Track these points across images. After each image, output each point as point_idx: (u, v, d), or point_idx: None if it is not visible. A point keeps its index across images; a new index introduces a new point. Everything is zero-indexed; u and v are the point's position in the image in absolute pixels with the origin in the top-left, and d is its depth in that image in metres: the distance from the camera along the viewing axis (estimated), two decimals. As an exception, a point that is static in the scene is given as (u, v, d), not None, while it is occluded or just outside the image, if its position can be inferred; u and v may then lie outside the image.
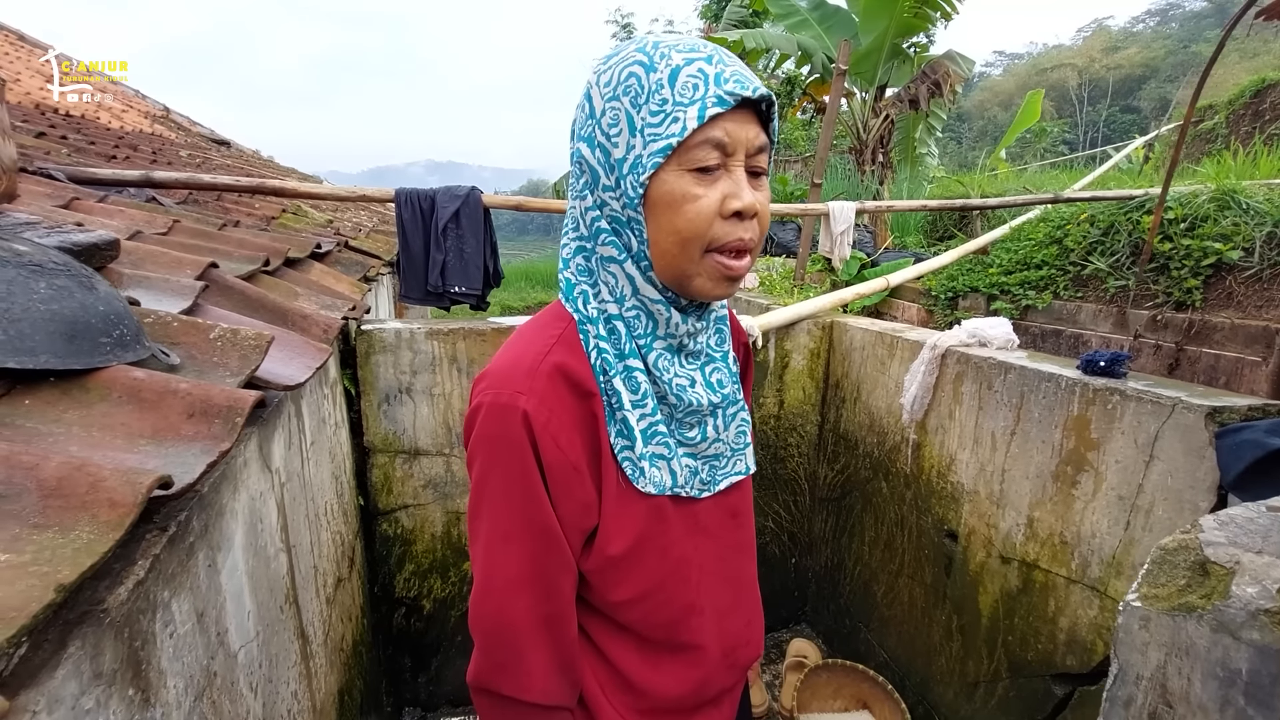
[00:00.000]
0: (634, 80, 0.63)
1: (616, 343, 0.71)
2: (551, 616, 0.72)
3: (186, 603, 0.77)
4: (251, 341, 0.98)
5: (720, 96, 0.61)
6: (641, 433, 0.72)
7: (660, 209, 0.65)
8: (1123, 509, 1.38)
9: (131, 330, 0.79)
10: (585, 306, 0.72)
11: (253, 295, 1.40)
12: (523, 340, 0.72)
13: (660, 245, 0.66)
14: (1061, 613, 1.53)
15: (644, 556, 0.75)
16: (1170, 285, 2.52)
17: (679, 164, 0.63)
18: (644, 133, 0.63)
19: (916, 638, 2.02)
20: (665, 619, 0.78)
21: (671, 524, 0.77)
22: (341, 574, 1.68)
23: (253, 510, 1.02)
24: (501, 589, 0.69)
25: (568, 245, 0.74)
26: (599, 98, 0.66)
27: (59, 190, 1.83)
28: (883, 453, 2.12)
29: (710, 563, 0.82)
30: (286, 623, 1.19)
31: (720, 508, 0.83)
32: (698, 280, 0.67)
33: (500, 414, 0.66)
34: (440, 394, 1.96)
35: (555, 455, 0.67)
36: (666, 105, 0.62)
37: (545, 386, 0.67)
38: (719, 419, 0.80)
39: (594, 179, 0.68)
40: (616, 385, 0.70)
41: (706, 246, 0.66)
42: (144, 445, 0.68)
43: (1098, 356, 1.45)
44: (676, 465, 0.76)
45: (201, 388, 0.75)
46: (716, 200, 0.64)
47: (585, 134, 0.68)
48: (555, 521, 0.69)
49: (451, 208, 2.32)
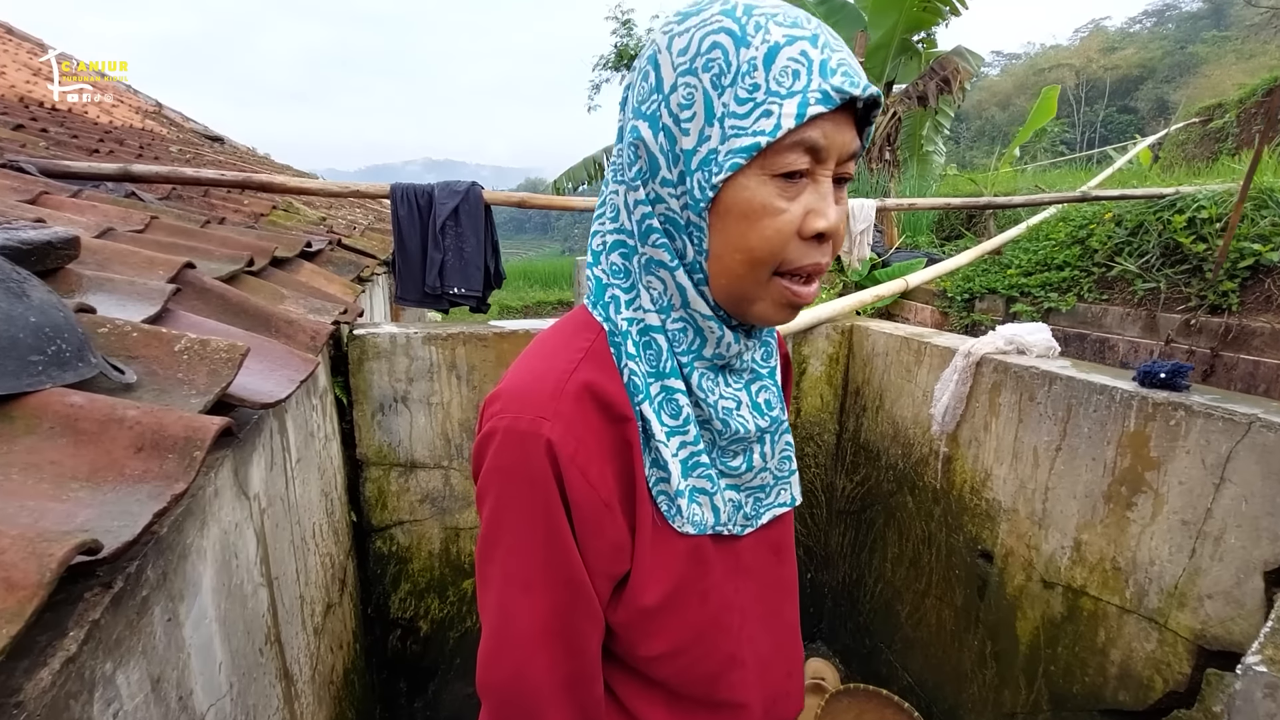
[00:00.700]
0: (719, 53, 0.50)
1: (654, 359, 0.60)
2: (575, 676, 0.60)
3: (137, 670, 0.64)
4: (223, 354, 0.86)
5: (826, 92, 0.49)
6: (681, 463, 0.61)
7: (731, 219, 0.53)
8: (1187, 535, 1.27)
9: (72, 345, 0.66)
10: (616, 314, 0.60)
11: (233, 299, 1.27)
12: (545, 353, 0.60)
13: (723, 261, 0.54)
14: (1113, 644, 1.42)
15: (681, 605, 0.63)
16: (1204, 288, 2.41)
17: (763, 168, 0.51)
18: (724, 123, 0.50)
19: (945, 662, 1.90)
20: (703, 674, 0.67)
21: (712, 567, 0.65)
22: (332, 599, 1.56)
23: (225, 546, 0.90)
24: (519, 646, 0.58)
25: (602, 237, 0.62)
26: (669, 67, 0.53)
27: (27, 184, 1.70)
28: (908, 465, 2.00)
29: (752, 606, 0.70)
30: (267, 666, 1.06)
31: (762, 544, 0.72)
32: (759, 305, 0.56)
33: (519, 443, 0.54)
34: (438, 403, 1.83)
35: (584, 492, 0.56)
36: (758, 93, 0.49)
37: (573, 410, 0.55)
38: (766, 445, 0.68)
39: (651, 168, 0.56)
40: (646, 411, 0.59)
41: (776, 269, 0.54)
42: (76, 490, 0.55)
43: (1156, 367, 1.33)
44: (720, 500, 0.64)
45: (154, 415, 0.62)
46: (798, 217, 0.52)
47: (648, 111, 0.55)
48: (582, 569, 0.57)
49: (450, 204, 2.19)
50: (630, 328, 0.59)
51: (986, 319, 3.22)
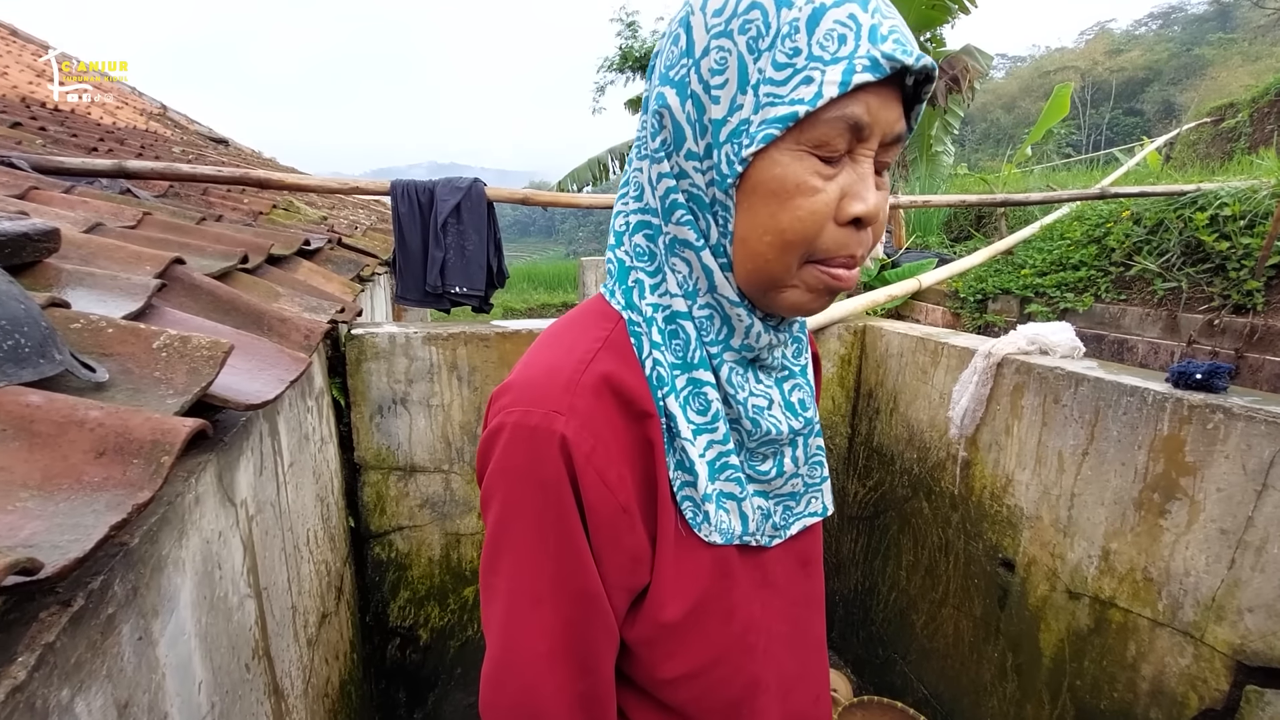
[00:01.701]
0: (757, 14, 0.45)
1: (681, 349, 0.54)
2: (588, 697, 0.54)
3: (100, 696, 0.59)
4: (205, 351, 0.80)
5: (875, 59, 0.43)
6: (709, 464, 0.55)
7: (761, 197, 0.47)
8: (1226, 544, 1.20)
9: (33, 340, 0.60)
10: (640, 300, 0.54)
11: (224, 296, 1.22)
12: (558, 344, 0.55)
13: (750, 244, 0.49)
14: (1144, 659, 1.35)
15: (704, 622, 0.57)
16: (1228, 287, 2.34)
17: (798, 142, 0.45)
18: (759, 91, 0.45)
19: (963, 674, 1.83)
20: (724, 699, 0.61)
21: (737, 580, 0.59)
22: (327, 608, 1.50)
23: (207, 557, 0.84)
24: (528, 665, 0.52)
25: (625, 217, 0.56)
26: (701, 29, 0.48)
27: (17, 179, 1.65)
28: (924, 470, 1.94)
29: (778, 625, 0.65)
30: (255, 681, 1.00)
31: (790, 556, 0.66)
32: (790, 293, 0.51)
33: (530, 440, 0.49)
34: (439, 405, 1.78)
35: (601, 495, 0.50)
36: (798, 58, 0.44)
37: (590, 405, 0.50)
38: (798, 449, 0.63)
39: (677, 139, 0.50)
40: (671, 406, 0.53)
41: (808, 256, 0.49)
42: (26, 499, 0.50)
43: (1192, 368, 1.27)
44: (748, 507, 0.59)
45: (118, 416, 0.57)
46: (834, 198, 0.47)
47: (677, 77, 0.50)
48: (598, 580, 0.52)
49: (452, 201, 2.13)
50: (656, 314, 0.54)
51: (1000, 320, 3.15)
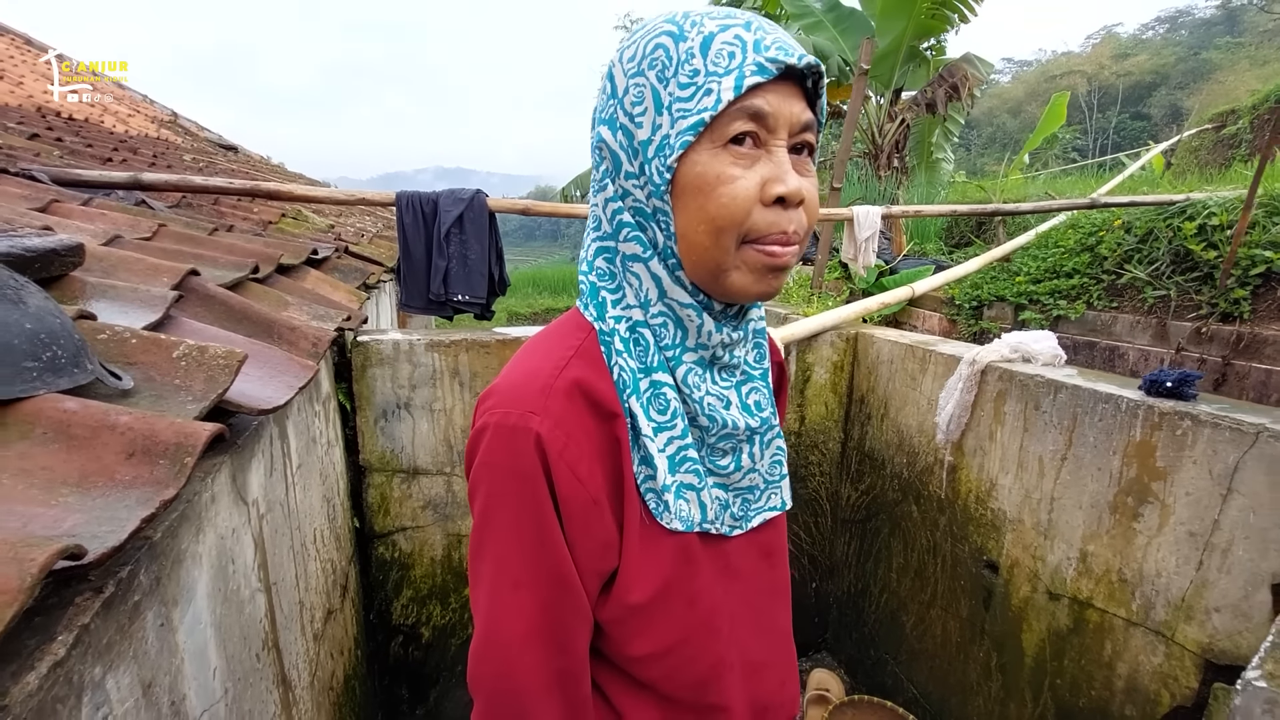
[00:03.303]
0: (661, 52, 0.54)
1: (642, 355, 0.61)
2: (564, 674, 0.61)
3: (128, 675, 0.65)
4: (221, 360, 0.86)
5: (760, 64, 0.52)
6: (669, 459, 0.62)
7: (690, 194, 0.55)
8: (1194, 546, 1.25)
9: (69, 351, 0.67)
10: (605, 315, 0.61)
11: (236, 306, 1.28)
12: (536, 352, 0.62)
13: (690, 237, 0.56)
14: (1119, 657, 1.39)
15: (669, 605, 0.63)
16: (1215, 295, 2.38)
17: (712, 139, 0.53)
18: (672, 109, 0.53)
19: (950, 674, 1.88)
20: (691, 678, 0.67)
21: (700, 567, 0.65)
22: (333, 605, 1.56)
23: (222, 552, 0.90)
24: (509, 643, 0.59)
25: (589, 245, 0.64)
26: (621, 75, 0.57)
27: (39, 192, 1.72)
28: (913, 474, 1.99)
29: (741, 610, 0.71)
30: (264, 671, 1.06)
31: (752, 547, 0.72)
32: (735, 275, 0.57)
33: (509, 438, 0.56)
34: (441, 409, 1.84)
35: (572, 487, 0.57)
36: (698, 77, 0.52)
37: (562, 406, 0.57)
38: (755, 446, 0.69)
39: (615, 165, 0.59)
40: (634, 406, 0.60)
41: (744, 237, 0.55)
42: (66, 495, 0.56)
43: (1164, 376, 1.32)
44: (706, 497, 0.65)
45: (146, 421, 0.63)
46: (756, 183, 0.54)
47: (606, 116, 0.59)
48: (571, 565, 0.58)
49: (455, 211, 2.20)
50: (619, 325, 0.61)
51: (995, 326, 3.19)
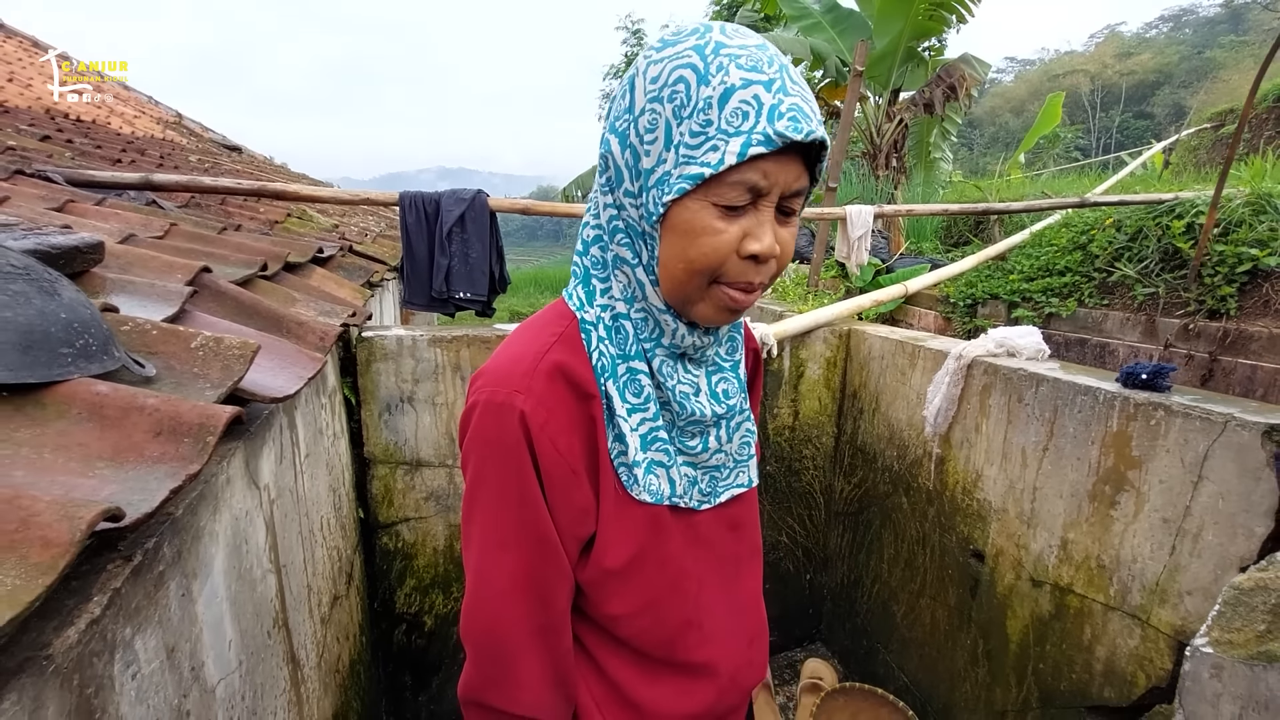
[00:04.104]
0: (682, 87, 0.56)
1: (622, 343, 0.67)
2: (546, 627, 0.67)
3: (154, 638, 0.70)
4: (236, 351, 0.92)
5: (769, 135, 0.54)
6: (641, 438, 0.68)
7: (676, 234, 0.59)
8: (1167, 532, 1.29)
9: (99, 339, 0.72)
10: (590, 303, 0.67)
11: (246, 301, 1.34)
12: (522, 338, 0.68)
13: (668, 268, 0.61)
14: (1098, 641, 1.44)
15: (642, 569, 0.70)
16: (1203, 293, 2.42)
17: (707, 195, 0.57)
18: (679, 150, 0.56)
19: (939, 662, 1.93)
20: (663, 635, 0.73)
21: (670, 535, 0.72)
22: (338, 591, 1.61)
23: (237, 531, 0.95)
24: (495, 598, 0.65)
25: (588, 230, 0.69)
26: (641, 93, 0.59)
27: (54, 193, 1.78)
28: (903, 467, 2.03)
29: (710, 577, 0.77)
30: (275, 648, 1.12)
31: (721, 520, 0.78)
32: (699, 306, 0.63)
33: (496, 413, 0.62)
34: (443, 403, 1.89)
35: (553, 458, 0.63)
36: (710, 128, 0.55)
37: (544, 386, 0.63)
38: (722, 430, 0.75)
39: (618, 179, 0.63)
40: (610, 389, 0.66)
41: (713, 279, 0.61)
42: (101, 468, 0.61)
43: (1139, 369, 1.36)
44: (675, 474, 0.71)
45: (171, 403, 0.68)
46: (735, 238, 0.58)
47: (620, 128, 0.62)
48: (552, 528, 0.64)
49: (457, 211, 2.25)
50: (603, 314, 0.67)
51: (989, 324, 3.24)
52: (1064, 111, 7.90)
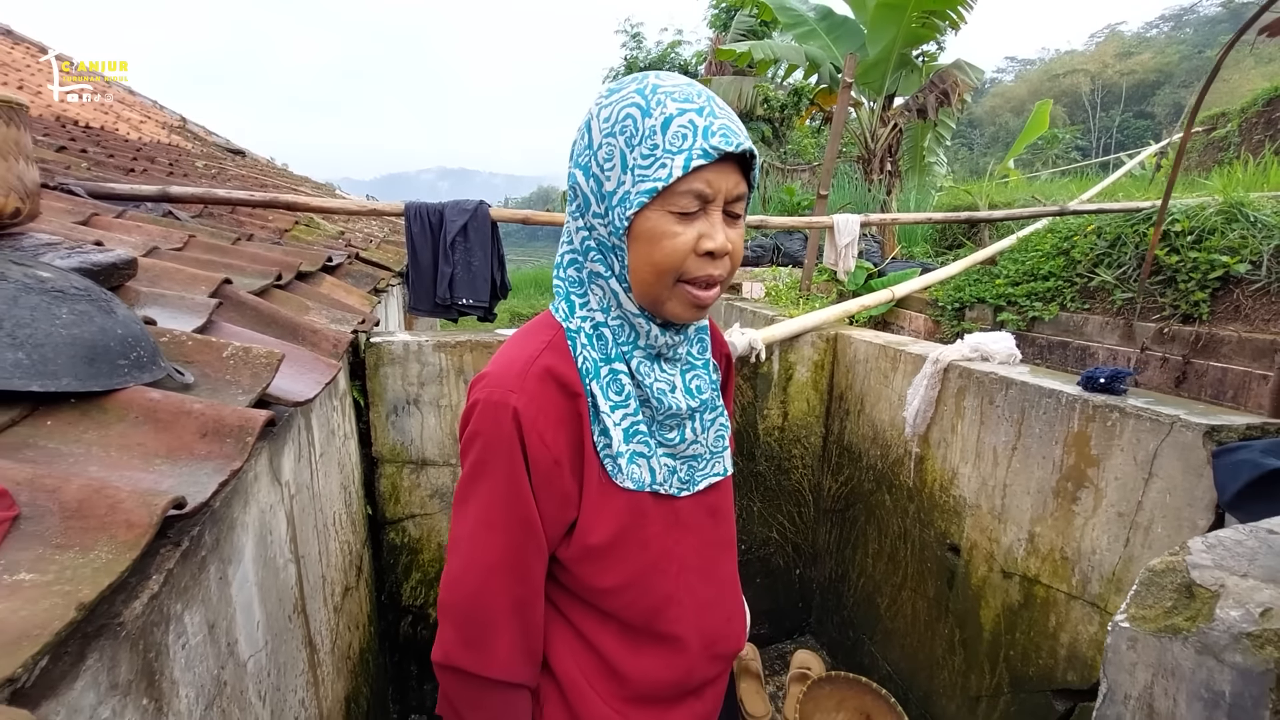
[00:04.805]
0: (630, 121, 0.68)
1: (604, 348, 0.77)
2: (523, 599, 0.77)
3: (198, 614, 0.80)
4: (263, 360, 1.02)
5: (705, 150, 0.66)
6: (624, 431, 0.78)
7: (641, 241, 0.70)
8: (1122, 526, 1.39)
9: (148, 351, 0.82)
10: (573, 314, 0.78)
11: (265, 311, 1.44)
12: (515, 346, 0.78)
13: (638, 273, 0.72)
14: (1062, 628, 1.54)
15: (625, 548, 0.80)
16: (1177, 298, 2.52)
17: (662, 205, 0.68)
18: (634, 172, 0.68)
19: (919, 651, 2.02)
20: (645, 608, 0.83)
21: (651, 519, 0.82)
22: (349, 583, 1.71)
23: (263, 523, 1.05)
24: (481, 572, 0.75)
25: (563, 254, 0.80)
26: (597, 131, 0.72)
27: (78, 206, 1.88)
28: (886, 465, 2.13)
29: (690, 558, 0.87)
30: (294, 632, 1.21)
31: (700, 506, 0.88)
32: (669, 305, 0.73)
33: (493, 410, 0.72)
34: (447, 405, 1.99)
35: (540, 450, 0.73)
36: (657, 151, 0.67)
37: (535, 387, 0.73)
38: (697, 422, 0.85)
39: (585, 204, 0.74)
40: (594, 389, 0.76)
41: (678, 278, 0.71)
42: (159, 464, 0.71)
43: (1098, 373, 1.46)
44: (655, 464, 0.81)
45: (214, 408, 0.78)
46: (692, 239, 0.69)
47: (582, 162, 0.73)
48: (535, 513, 0.74)
49: (460, 221, 2.35)
50: (584, 324, 0.77)
51: (976, 327, 3.33)
52: (1065, 111, 8.00)
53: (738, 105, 7.23)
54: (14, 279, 0.72)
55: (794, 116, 7.22)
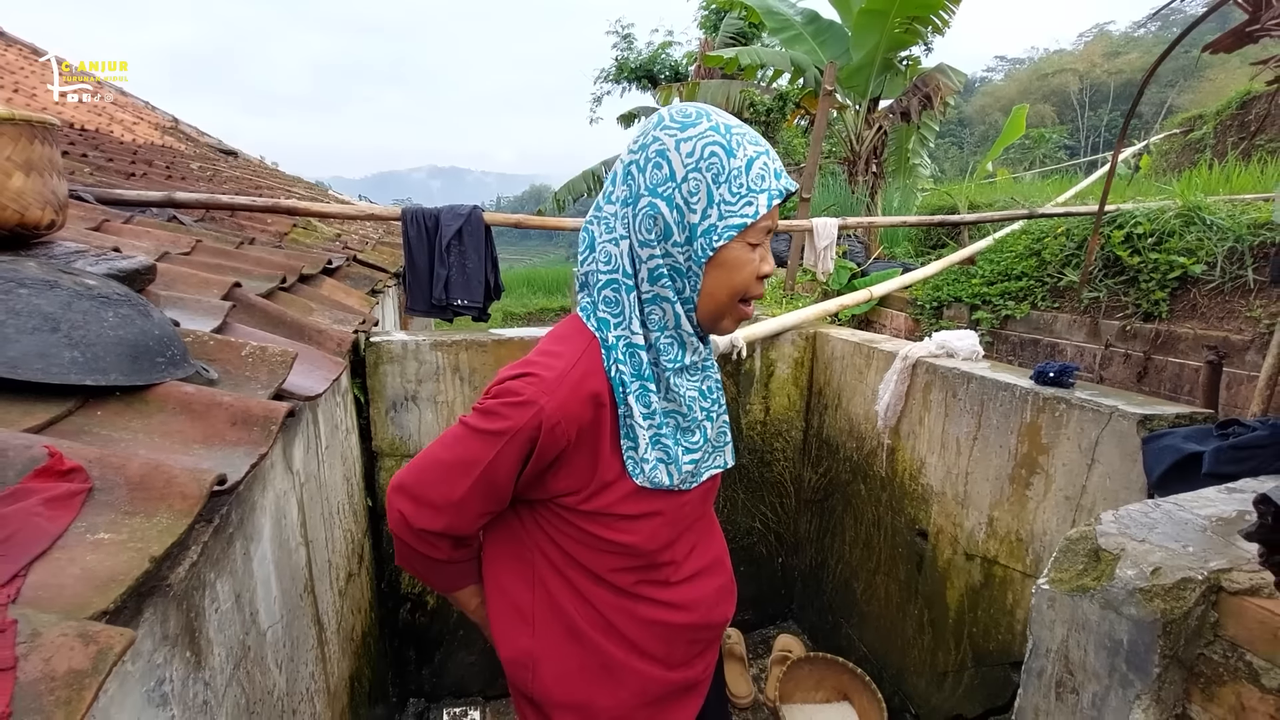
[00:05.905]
0: (716, 160, 0.79)
1: (636, 365, 0.87)
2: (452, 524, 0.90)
3: (227, 584, 0.90)
4: (278, 358, 1.12)
5: (781, 190, 0.80)
6: (650, 439, 0.89)
7: (723, 268, 0.82)
8: (1069, 508, 1.51)
9: (180, 350, 0.92)
10: (606, 333, 0.87)
11: (273, 312, 1.54)
12: (558, 351, 0.88)
13: (714, 295, 0.84)
14: (1019, 605, 1.66)
15: (641, 519, 0.92)
16: (1139, 297, 2.65)
17: (743, 237, 0.81)
18: (721, 207, 0.79)
19: (892, 632, 2.14)
20: (652, 574, 0.96)
21: (665, 503, 0.94)
22: (352, 569, 1.81)
23: (278, 507, 1.15)
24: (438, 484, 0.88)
25: (596, 276, 0.88)
26: (679, 164, 0.80)
27: (89, 212, 1.97)
28: (861, 457, 2.25)
29: (689, 536, 1.00)
30: (305, 609, 1.32)
31: (700, 493, 1.01)
32: (726, 321, 0.88)
33: (525, 403, 0.83)
34: (444, 401, 2.09)
35: (548, 442, 0.84)
36: (743, 189, 0.79)
37: (566, 393, 0.84)
38: (713, 422, 0.97)
39: (666, 233, 0.82)
40: (630, 401, 0.86)
41: (739, 298, 0.85)
42: (197, 449, 0.81)
43: (1048, 368, 1.58)
44: (674, 469, 0.92)
45: (242, 400, 0.88)
46: (757, 266, 0.84)
47: (665, 193, 0.81)
48: (505, 482, 0.87)
49: (455, 226, 2.45)
50: (618, 342, 0.87)
51: (953, 325, 3.46)
52: (1053, 110, 8.15)
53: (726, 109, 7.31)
54: (66, 286, 0.81)
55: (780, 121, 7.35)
